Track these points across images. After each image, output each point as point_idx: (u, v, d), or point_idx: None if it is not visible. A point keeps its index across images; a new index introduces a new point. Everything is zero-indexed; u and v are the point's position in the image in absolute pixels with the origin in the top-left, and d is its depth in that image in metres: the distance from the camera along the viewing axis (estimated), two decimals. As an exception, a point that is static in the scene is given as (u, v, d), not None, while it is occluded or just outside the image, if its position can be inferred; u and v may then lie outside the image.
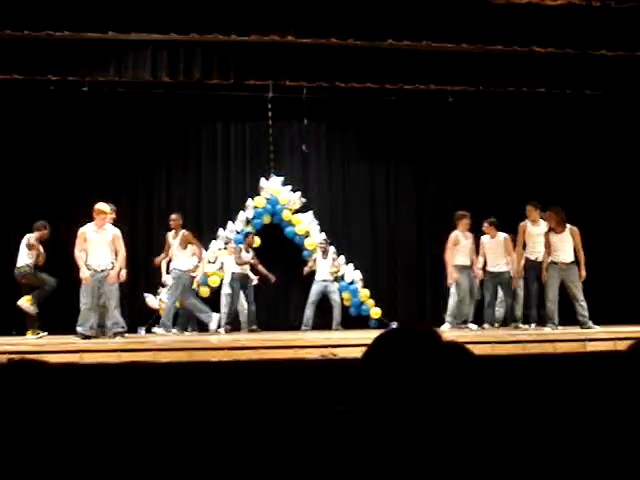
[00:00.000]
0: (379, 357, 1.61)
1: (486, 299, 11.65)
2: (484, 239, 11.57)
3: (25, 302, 10.60)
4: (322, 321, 12.55)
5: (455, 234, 11.47)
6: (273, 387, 3.91)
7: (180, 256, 11.54)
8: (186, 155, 13.56)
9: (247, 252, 12.48)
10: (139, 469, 3.17)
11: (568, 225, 10.60)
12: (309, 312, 12.57)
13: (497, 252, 11.45)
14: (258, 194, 13.07)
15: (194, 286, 11.92)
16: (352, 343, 8.01)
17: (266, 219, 13.17)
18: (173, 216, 11.78)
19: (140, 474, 3.16)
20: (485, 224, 11.54)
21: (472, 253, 11.47)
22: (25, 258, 10.85)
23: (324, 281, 12.68)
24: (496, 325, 11.71)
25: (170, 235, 11.74)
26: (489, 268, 11.53)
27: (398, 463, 1.46)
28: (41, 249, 10.93)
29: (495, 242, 11.45)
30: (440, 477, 1.46)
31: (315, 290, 12.64)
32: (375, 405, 1.53)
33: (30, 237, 10.87)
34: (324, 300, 12.69)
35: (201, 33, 10.75)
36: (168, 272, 11.79)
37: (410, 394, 1.51)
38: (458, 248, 11.41)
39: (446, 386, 1.54)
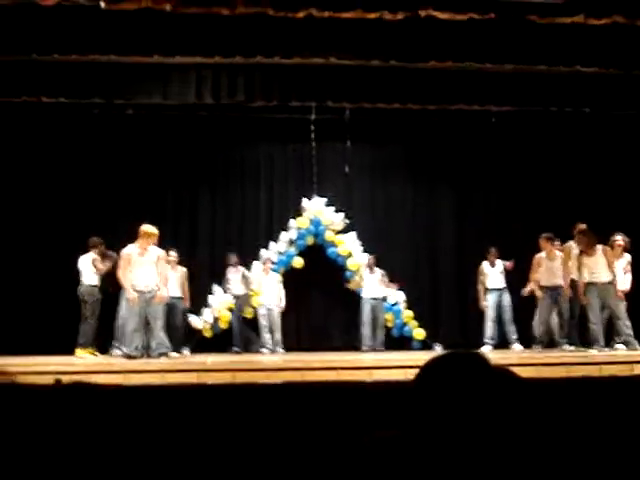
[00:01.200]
0: (430, 382, 1.61)
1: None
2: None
3: (83, 354, 10.74)
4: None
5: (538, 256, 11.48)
6: (317, 409, 3.91)
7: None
8: (229, 177, 13.67)
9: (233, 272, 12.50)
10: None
11: (600, 245, 10.54)
12: (366, 331, 12.53)
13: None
14: (301, 215, 13.12)
15: None
16: (394, 365, 7.97)
17: (309, 240, 13.20)
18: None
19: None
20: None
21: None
22: (90, 277, 11.03)
23: (374, 299, 12.64)
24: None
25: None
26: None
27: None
28: (102, 265, 11.05)
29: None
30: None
31: (366, 309, 12.58)
32: (426, 430, 1.53)
33: (94, 257, 11.02)
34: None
35: (245, 56, 10.84)
36: None
37: (461, 420, 1.51)
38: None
39: (496, 412, 1.54)
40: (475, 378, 1.59)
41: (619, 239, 11.07)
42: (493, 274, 12.24)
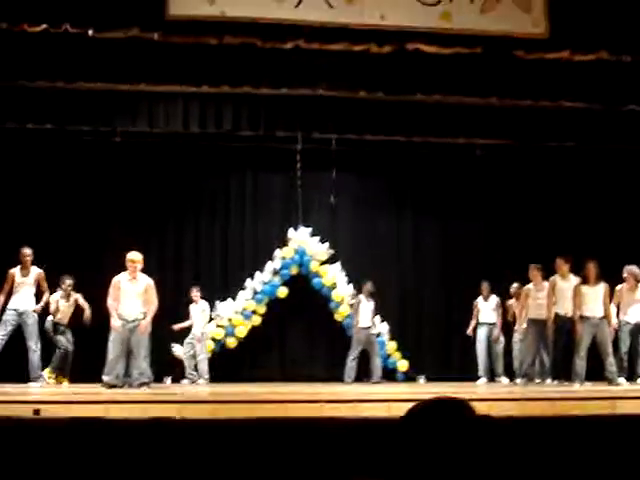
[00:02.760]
0: (414, 430, 1.60)
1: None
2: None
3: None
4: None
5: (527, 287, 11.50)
6: (299, 447, 3.86)
7: (30, 295, 10.70)
8: (215, 205, 13.66)
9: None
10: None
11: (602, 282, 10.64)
12: (354, 364, 12.28)
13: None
14: (286, 245, 13.10)
15: None
16: (378, 398, 7.93)
17: (294, 270, 13.16)
18: (27, 251, 10.71)
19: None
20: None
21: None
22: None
23: (366, 329, 12.42)
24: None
25: (17, 271, 10.71)
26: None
27: None
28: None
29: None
30: None
31: (358, 339, 12.37)
32: (409, 478, 1.51)
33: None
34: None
35: (232, 85, 10.88)
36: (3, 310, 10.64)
37: (443, 470, 1.50)
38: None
39: (479, 461, 1.52)
40: (458, 427, 1.57)
41: (625, 272, 11.21)
42: (486, 309, 12.34)
